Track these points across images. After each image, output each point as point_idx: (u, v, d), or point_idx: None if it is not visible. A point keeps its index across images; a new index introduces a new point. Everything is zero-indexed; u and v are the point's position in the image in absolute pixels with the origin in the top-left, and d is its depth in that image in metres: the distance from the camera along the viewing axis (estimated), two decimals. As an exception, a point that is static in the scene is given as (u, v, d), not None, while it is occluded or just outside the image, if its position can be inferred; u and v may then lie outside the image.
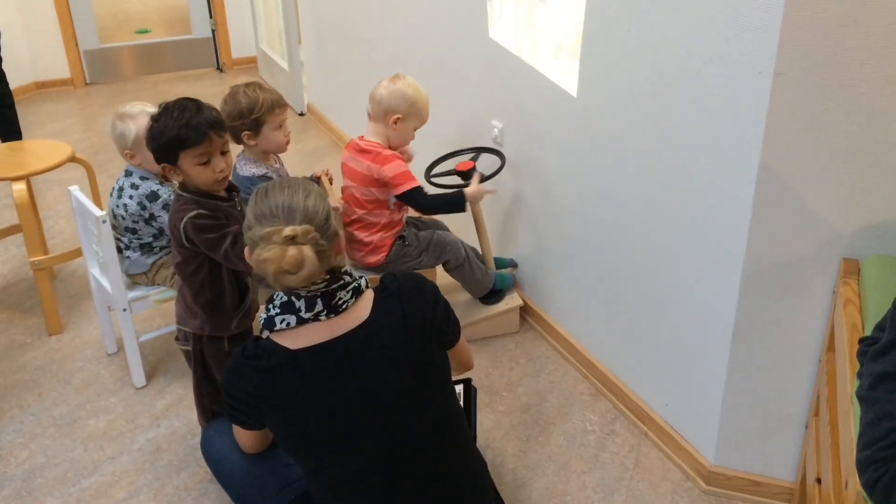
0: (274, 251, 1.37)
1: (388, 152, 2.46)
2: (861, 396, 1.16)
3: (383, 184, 2.46)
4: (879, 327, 1.34)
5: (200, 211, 1.86)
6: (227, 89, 2.42)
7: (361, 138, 2.53)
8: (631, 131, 2.07)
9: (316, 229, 1.41)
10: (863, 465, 1.10)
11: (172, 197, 2.39)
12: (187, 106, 1.82)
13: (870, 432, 1.10)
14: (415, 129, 2.53)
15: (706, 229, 1.89)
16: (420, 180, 2.71)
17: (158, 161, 1.86)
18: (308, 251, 1.38)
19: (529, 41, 2.49)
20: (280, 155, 2.55)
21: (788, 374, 1.89)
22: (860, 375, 1.31)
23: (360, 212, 2.51)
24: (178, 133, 1.79)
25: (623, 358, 2.36)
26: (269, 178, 2.32)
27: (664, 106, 1.93)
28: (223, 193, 1.94)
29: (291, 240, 1.38)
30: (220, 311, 2.00)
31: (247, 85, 2.37)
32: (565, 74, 2.29)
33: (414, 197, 2.47)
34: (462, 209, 2.57)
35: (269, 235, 1.38)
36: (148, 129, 1.84)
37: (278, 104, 2.38)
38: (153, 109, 2.35)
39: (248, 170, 2.42)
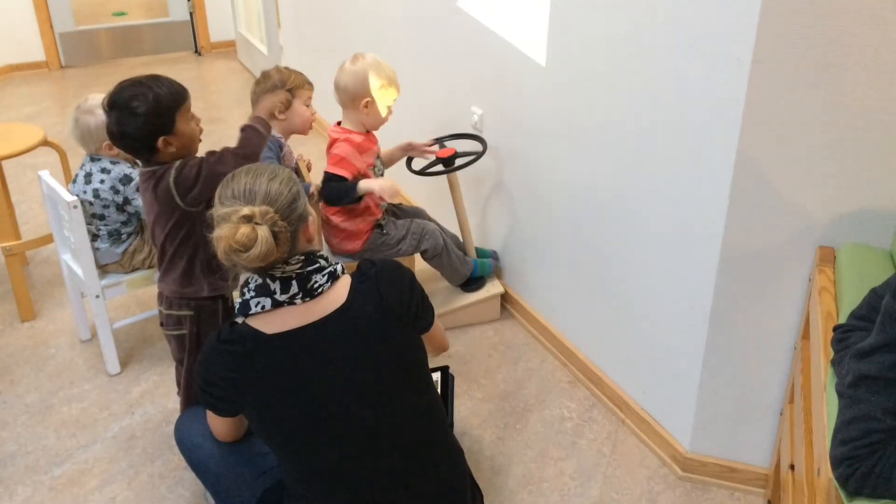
0: (227, 229, 1.37)
1: (342, 136, 2.43)
2: (841, 393, 1.17)
3: None
4: (856, 315, 1.35)
5: (178, 161, 1.86)
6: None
7: (338, 124, 2.50)
8: (608, 120, 2.07)
9: (276, 211, 1.41)
10: (837, 461, 1.11)
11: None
12: (154, 76, 1.85)
13: (846, 430, 1.11)
14: (388, 106, 2.47)
15: (684, 217, 1.89)
16: (402, 167, 2.70)
17: (153, 137, 1.81)
18: (263, 232, 1.37)
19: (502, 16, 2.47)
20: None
21: (764, 362, 1.90)
22: (834, 364, 1.32)
23: None
24: (172, 95, 1.82)
25: (601, 346, 2.37)
26: (283, 146, 2.44)
27: (641, 93, 1.92)
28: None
29: (248, 219, 1.38)
30: (219, 268, 1.97)
31: (277, 67, 2.48)
32: (537, 58, 2.28)
33: (324, 181, 2.41)
34: (352, 201, 2.41)
35: (228, 215, 1.39)
36: (132, 110, 1.78)
37: (307, 81, 2.46)
38: None
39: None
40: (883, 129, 1.59)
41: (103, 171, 2.39)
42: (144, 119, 1.79)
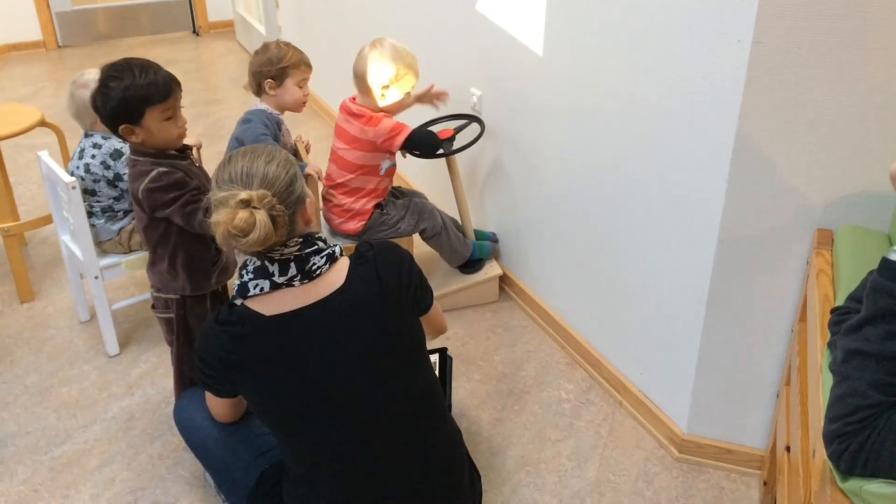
0: (225, 214, 1.36)
1: (379, 114, 2.45)
2: (833, 370, 1.17)
3: (378, 146, 2.43)
4: (853, 298, 1.35)
5: (160, 169, 1.85)
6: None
7: (353, 100, 2.49)
8: (607, 101, 2.06)
9: (274, 195, 1.40)
10: (829, 438, 1.12)
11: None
12: (147, 64, 1.82)
13: (837, 407, 1.12)
14: (408, 92, 2.49)
15: (682, 199, 1.89)
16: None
17: (117, 122, 1.80)
18: (261, 216, 1.37)
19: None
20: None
21: (761, 344, 1.90)
22: (831, 346, 1.32)
23: (348, 175, 2.48)
24: (147, 89, 1.78)
25: (599, 328, 2.37)
26: (281, 123, 2.44)
27: (639, 75, 1.91)
28: (176, 152, 1.92)
29: (246, 204, 1.37)
30: (198, 268, 1.98)
31: (278, 41, 2.49)
32: (535, 39, 2.26)
33: (414, 138, 2.46)
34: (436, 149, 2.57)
35: (226, 200, 1.38)
36: (107, 90, 1.78)
37: (305, 62, 2.46)
38: None
39: (265, 109, 2.44)
40: (883, 112, 1.58)
41: (95, 146, 2.38)
42: (114, 103, 1.78)
